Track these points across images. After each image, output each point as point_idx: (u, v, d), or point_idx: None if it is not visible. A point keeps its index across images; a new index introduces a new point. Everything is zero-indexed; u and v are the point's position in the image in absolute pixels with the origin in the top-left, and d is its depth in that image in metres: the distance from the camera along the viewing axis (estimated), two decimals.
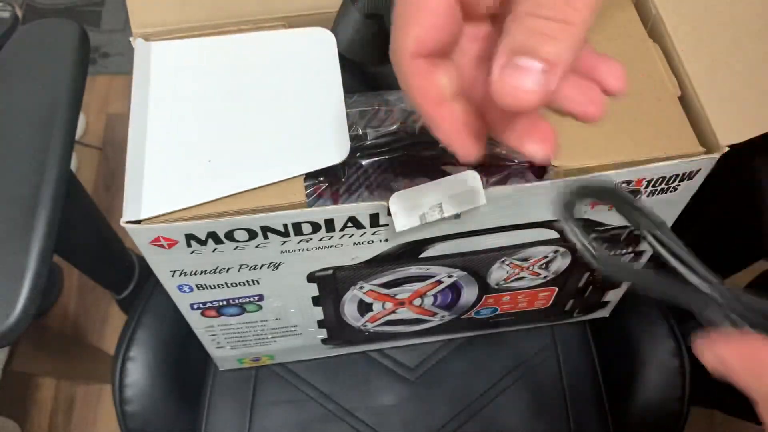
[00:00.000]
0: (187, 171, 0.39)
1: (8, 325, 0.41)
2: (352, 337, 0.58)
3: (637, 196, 0.43)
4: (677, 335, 0.61)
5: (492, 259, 0.48)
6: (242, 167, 0.39)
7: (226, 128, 0.41)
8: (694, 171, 0.41)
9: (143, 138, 0.40)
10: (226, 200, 0.38)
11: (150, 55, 0.43)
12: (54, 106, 0.48)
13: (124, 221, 0.37)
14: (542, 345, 0.64)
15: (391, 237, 0.42)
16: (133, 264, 0.70)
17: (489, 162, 0.46)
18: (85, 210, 0.62)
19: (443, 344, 0.64)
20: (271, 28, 0.45)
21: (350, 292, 0.50)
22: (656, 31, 0.45)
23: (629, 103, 0.42)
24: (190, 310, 0.49)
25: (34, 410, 1.08)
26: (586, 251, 0.28)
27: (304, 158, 0.39)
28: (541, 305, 0.58)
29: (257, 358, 0.61)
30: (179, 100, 0.42)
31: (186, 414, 0.62)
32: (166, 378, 0.61)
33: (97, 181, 1.29)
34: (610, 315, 0.63)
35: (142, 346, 0.61)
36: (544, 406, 0.61)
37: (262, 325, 0.53)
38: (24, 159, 0.46)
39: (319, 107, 0.42)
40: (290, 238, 0.41)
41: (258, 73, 0.43)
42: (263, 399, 0.62)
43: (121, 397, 0.60)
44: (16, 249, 0.43)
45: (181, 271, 0.43)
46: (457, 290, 0.53)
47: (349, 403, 0.62)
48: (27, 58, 0.51)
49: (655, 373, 0.60)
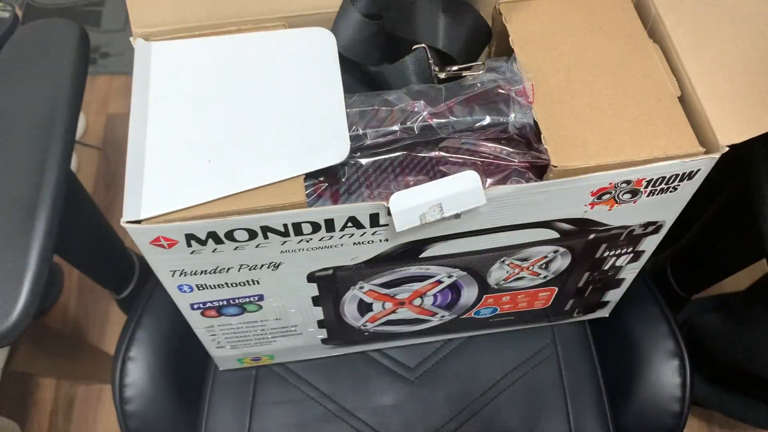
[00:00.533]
0: (187, 171, 0.39)
1: (8, 325, 0.41)
2: (352, 337, 0.58)
3: (637, 195, 0.43)
4: (677, 335, 0.61)
5: (492, 259, 0.48)
6: (242, 167, 0.39)
7: (226, 128, 0.41)
8: (694, 171, 0.41)
9: (143, 138, 0.40)
10: (226, 200, 0.38)
11: (150, 55, 0.43)
12: (54, 106, 0.48)
13: (124, 221, 0.37)
14: (542, 345, 0.64)
15: (391, 237, 0.42)
16: (133, 264, 0.70)
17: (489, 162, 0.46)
18: (85, 210, 0.62)
19: (443, 344, 0.64)
20: (271, 28, 0.45)
21: (350, 292, 0.50)
22: (656, 31, 0.45)
23: (629, 103, 0.42)
24: (190, 310, 0.49)
25: (34, 410, 1.08)
26: None
27: (304, 158, 0.39)
28: (540, 305, 0.58)
29: (257, 358, 0.61)
30: (179, 100, 0.42)
31: (186, 414, 0.62)
32: (166, 378, 0.61)
33: (97, 181, 1.29)
34: (610, 315, 0.63)
35: (142, 346, 0.61)
36: (544, 406, 0.61)
37: (262, 325, 0.53)
38: (24, 159, 0.46)
39: (319, 107, 0.42)
40: (290, 238, 0.41)
41: (258, 73, 0.43)
42: (263, 399, 0.62)
43: (121, 397, 0.60)
44: (16, 249, 0.43)
45: (181, 271, 0.43)
46: (457, 290, 0.53)
47: (349, 403, 0.62)
48: (27, 58, 0.51)
49: (655, 373, 0.60)
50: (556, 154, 0.40)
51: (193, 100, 0.42)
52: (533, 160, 0.45)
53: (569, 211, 0.44)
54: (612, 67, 0.44)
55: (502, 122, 0.45)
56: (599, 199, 0.43)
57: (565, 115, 0.42)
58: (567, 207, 0.43)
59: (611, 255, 0.51)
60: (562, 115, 0.42)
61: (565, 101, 0.42)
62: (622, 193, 0.42)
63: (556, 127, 0.42)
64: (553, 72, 0.44)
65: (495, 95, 0.46)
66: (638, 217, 0.46)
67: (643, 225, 0.47)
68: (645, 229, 0.48)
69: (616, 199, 0.43)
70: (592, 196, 0.42)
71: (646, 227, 0.48)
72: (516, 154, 0.46)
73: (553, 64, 0.44)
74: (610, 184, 0.41)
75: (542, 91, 0.43)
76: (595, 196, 0.42)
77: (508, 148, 0.46)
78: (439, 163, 0.46)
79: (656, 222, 0.47)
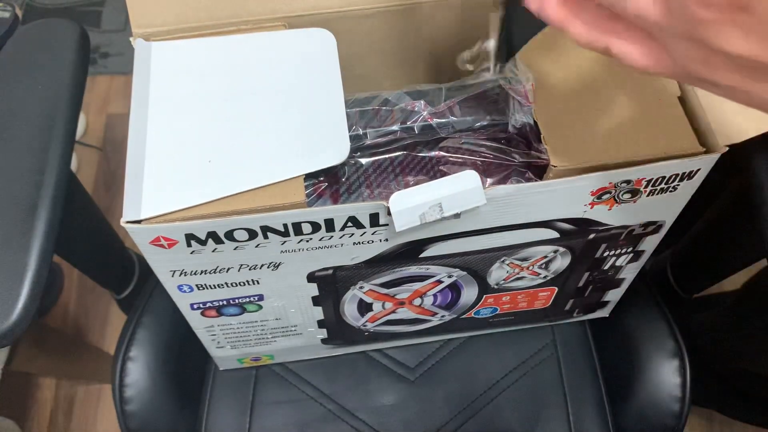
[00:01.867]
0: (187, 171, 0.39)
1: (8, 325, 0.41)
2: (352, 337, 0.58)
3: (637, 195, 0.43)
4: (677, 335, 0.61)
5: (492, 258, 0.48)
6: (242, 167, 0.39)
7: (227, 128, 0.41)
8: (694, 171, 0.41)
9: (143, 138, 0.40)
10: (226, 200, 0.38)
11: (150, 55, 0.43)
12: (54, 106, 0.48)
13: (124, 221, 0.37)
14: (542, 345, 0.64)
15: (391, 237, 0.42)
16: (133, 264, 0.70)
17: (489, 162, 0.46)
18: (85, 210, 0.62)
19: (443, 344, 0.64)
20: (271, 28, 0.45)
21: (350, 292, 0.50)
22: None
23: (629, 103, 0.42)
24: (190, 310, 0.49)
25: (34, 410, 1.08)
26: None
27: (304, 158, 0.39)
28: (540, 305, 0.58)
29: (257, 358, 0.61)
30: (179, 100, 0.42)
31: (186, 414, 0.62)
32: (166, 378, 0.61)
33: (97, 181, 1.29)
34: (610, 315, 0.63)
35: (142, 346, 0.61)
36: (544, 406, 0.61)
37: (262, 325, 0.53)
38: (24, 159, 0.46)
39: (319, 107, 0.42)
40: (290, 238, 0.41)
41: (258, 73, 0.43)
42: (263, 399, 0.62)
43: (121, 397, 0.60)
44: (16, 249, 0.43)
45: (181, 271, 0.43)
46: (457, 290, 0.53)
47: (349, 403, 0.62)
48: (27, 58, 0.51)
49: (655, 373, 0.60)
50: (556, 154, 0.40)
51: (193, 100, 0.42)
52: (533, 160, 0.45)
53: (569, 211, 0.44)
54: (612, 67, 0.44)
55: (502, 122, 0.46)
56: (599, 199, 0.43)
57: (565, 115, 0.42)
58: (567, 207, 0.43)
59: (611, 255, 0.51)
60: (562, 115, 0.42)
61: (565, 101, 0.42)
62: (622, 193, 0.42)
63: (556, 127, 0.42)
64: (553, 72, 0.44)
65: (495, 95, 0.46)
66: (638, 217, 0.46)
67: (643, 225, 0.47)
68: (645, 229, 0.48)
69: (616, 198, 0.43)
70: (592, 196, 0.42)
71: (646, 227, 0.48)
72: (516, 154, 0.46)
73: (553, 65, 0.44)
74: (610, 184, 0.41)
75: (542, 91, 0.43)
76: (595, 196, 0.42)
77: (508, 148, 0.46)
78: (439, 163, 0.46)
79: (656, 222, 0.47)
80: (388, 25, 0.48)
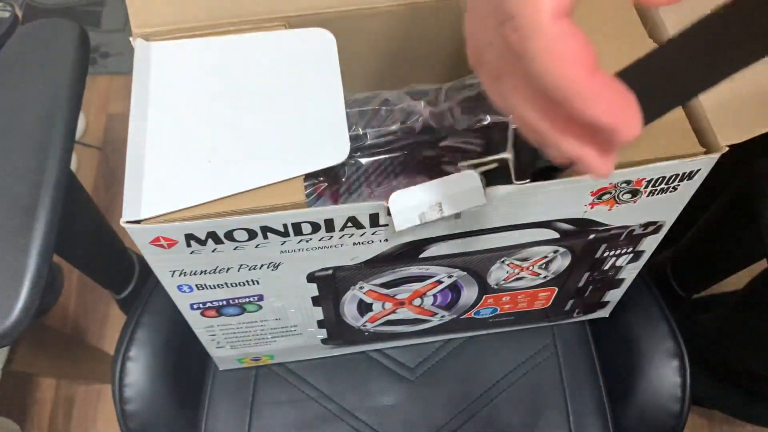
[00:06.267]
0: (187, 171, 0.39)
1: (8, 325, 0.41)
2: (352, 337, 0.58)
3: (637, 195, 0.43)
4: (677, 335, 0.61)
5: (492, 259, 0.48)
6: (242, 167, 0.39)
7: (226, 128, 0.41)
8: (694, 171, 0.41)
9: (143, 138, 0.40)
10: (226, 200, 0.38)
11: (150, 55, 0.43)
12: (54, 105, 0.48)
13: (124, 221, 0.37)
14: (542, 345, 0.64)
15: (391, 237, 0.42)
16: (133, 264, 0.70)
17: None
18: (85, 210, 0.62)
19: (443, 344, 0.64)
20: (271, 28, 0.45)
21: (350, 292, 0.50)
22: (656, 31, 0.45)
23: None
24: (190, 310, 0.49)
25: (34, 410, 1.08)
26: None
27: (304, 158, 0.39)
28: (540, 305, 0.58)
29: (257, 358, 0.61)
30: (179, 100, 0.42)
31: (186, 414, 0.62)
32: (166, 378, 0.61)
33: (97, 181, 1.29)
34: (610, 315, 0.63)
35: (142, 346, 0.61)
36: (544, 406, 0.61)
37: (262, 325, 0.53)
38: (24, 159, 0.46)
39: (319, 107, 0.42)
40: (290, 238, 0.41)
41: (258, 74, 0.43)
42: (263, 399, 0.62)
43: (121, 397, 0.60)
44: (16, 249, 0.43)
45: (181, 271, 0.43)
46: (457, 290, 0.53)
47: (349, 403, 0.62)
48: (27, 57, 0.51)
49: (655, 373, 0.60)
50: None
51: (193, 100, 0.42)
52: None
53: (569, 211, 0.44)
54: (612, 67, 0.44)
55: (502, 122, 0.46)
56: (599, 199, 0.43)
57: None
58: (567, 207, 0.43)
59: (611, 255, 0.51)
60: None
61: None
62: (622, 193, 0.42)
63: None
64: None
65: None
66: (638, 217, 0.46)
67: (643, 225, 0.47)
68: (645, 229, 0.48)
69: (616, 199, 0.43)
70: (592, 196, 0.42)
71: (646, 227, 0.48)
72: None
73: None
74: (610, 184, 0.41)
75: None
76: (595, 196, 0.42)
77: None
78: (439, 163, 0.46)
79: (656, 222, 0.47)
80: (388, 25, 0.48)
